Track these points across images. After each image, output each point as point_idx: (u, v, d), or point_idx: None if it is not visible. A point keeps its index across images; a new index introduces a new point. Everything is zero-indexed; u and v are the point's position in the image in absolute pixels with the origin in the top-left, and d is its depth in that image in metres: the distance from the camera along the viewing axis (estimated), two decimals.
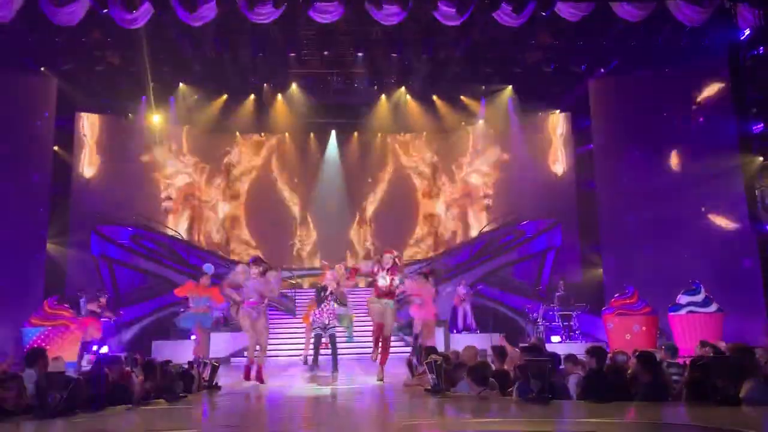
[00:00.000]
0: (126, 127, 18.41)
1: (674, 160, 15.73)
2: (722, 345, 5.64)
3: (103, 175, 17.57)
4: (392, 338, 15.68)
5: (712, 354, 6.21)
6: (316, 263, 19.35)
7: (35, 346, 10.51)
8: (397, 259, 9.40)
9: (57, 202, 16.30)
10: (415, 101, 19.04)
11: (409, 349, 14.48)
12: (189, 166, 19.91)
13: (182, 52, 15.61)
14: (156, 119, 18.64)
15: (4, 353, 10.91)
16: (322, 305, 10.57)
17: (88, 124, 17.73)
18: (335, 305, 10.45)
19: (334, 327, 10.45)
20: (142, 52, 14.97)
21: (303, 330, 12.57)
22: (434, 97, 18.86)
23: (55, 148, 16.35)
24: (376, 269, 9.26)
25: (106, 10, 12.76)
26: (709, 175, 14.53)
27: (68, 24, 12.86)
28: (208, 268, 11.03)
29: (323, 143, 20.85)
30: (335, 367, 10.19)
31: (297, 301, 16.58)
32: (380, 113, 19.32)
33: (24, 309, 13.44)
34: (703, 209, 14.87)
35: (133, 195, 18.09)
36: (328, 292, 10.54)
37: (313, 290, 11.65)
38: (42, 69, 15.53)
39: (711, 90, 15.14)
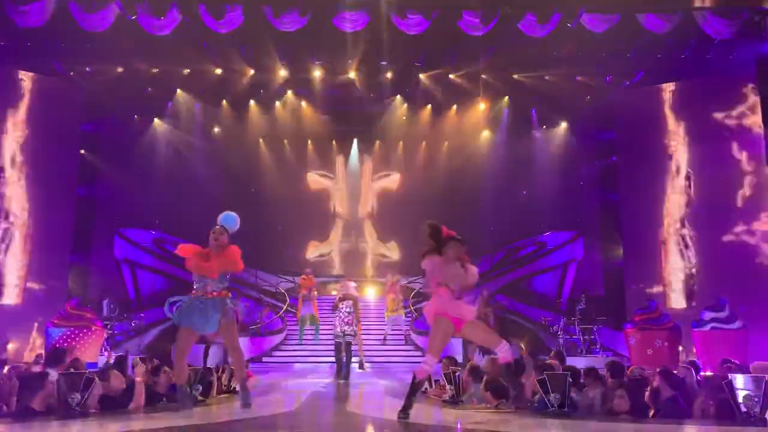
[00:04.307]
0: (151, 132, 18.61)
1: (699, 174, 15.51)
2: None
3: (127, 179, 17.78)
4: (408, 346, 15.75)
5: (735, 371, 6.09)
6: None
7: (57, 346, 10.64)
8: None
9: (82, 205, 16.51)
10: (438, 110, 19.04)
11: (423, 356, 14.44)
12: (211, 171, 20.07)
13: (208, 59, 15.78)
14: (181, 124, 18.84)
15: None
16: (336, 314, 10.82)
17: (114, 128, 17.94)
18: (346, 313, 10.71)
19: (349, 335, 10.71)
20: (168, 58, 15.18)
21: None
22: (455, 106, 18.84)
23: (82, 151, 16.59)
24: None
25: (134, 17, 12.99)
26: (736, 189, 14.37)
27: (97, 30, 13.09)
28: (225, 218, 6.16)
29: (345, 151, 20.97)
30: (347, 374, 10.43)
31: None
32: (402, 122, 19.35)
33: (49, 309, 13.67)
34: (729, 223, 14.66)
35: (157, 200, 18.25)
36: (340, 301, 10.88)
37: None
38: (71, 73, 15.80)
39: (739, 103, 14.95)
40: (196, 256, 5.76)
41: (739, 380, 4.84)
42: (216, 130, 19.42)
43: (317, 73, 16.92)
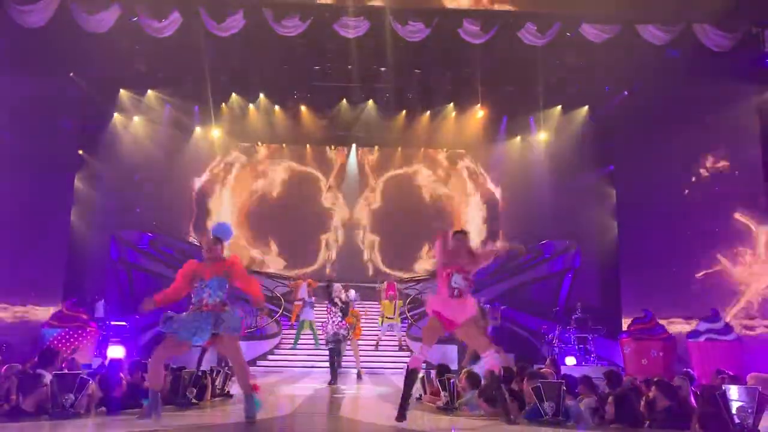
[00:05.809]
0: (151, 133, 18.60)
1: (697, 185, 15.55)
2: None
3: (125, 181, 17.74)
4: (402, 352, 15.71)
5: (727, 382, 6.10)
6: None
7: (50, 346, 10.60)
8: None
9: (80, 205, 16.48)
10: (436, 117, 19.08)
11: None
12: (210, 174, 20.09)
13: (209, 62, 15.78)
14: (180, 127, 18.84)
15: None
16: (329, 318, 10.78)
17: (114, 130, 17.93)
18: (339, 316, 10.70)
19: (340, 340, 10.70)
20: (168, 61, 15.19)
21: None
22: (454, 114, 18.88)
23: (80, 152, 16.58)
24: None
25: (135, 18, 13.02)
26: (734, 199, 14.41)
27: (98, 31, 13.10)
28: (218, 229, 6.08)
29: (344, 156, 21.01)
30: (335, 378, 10.40)
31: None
32: (402, 128, 19.37)
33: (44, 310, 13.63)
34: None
35: (154, 201, 18.23)
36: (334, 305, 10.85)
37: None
38: (71, 74, 15.78)
39: (737, 116, 14.99)
40: (192, 270, 5.69)
41: (733, 391, 4.84)
42: (212, 132, 19.43)
43: (317, 78, 16.94)
